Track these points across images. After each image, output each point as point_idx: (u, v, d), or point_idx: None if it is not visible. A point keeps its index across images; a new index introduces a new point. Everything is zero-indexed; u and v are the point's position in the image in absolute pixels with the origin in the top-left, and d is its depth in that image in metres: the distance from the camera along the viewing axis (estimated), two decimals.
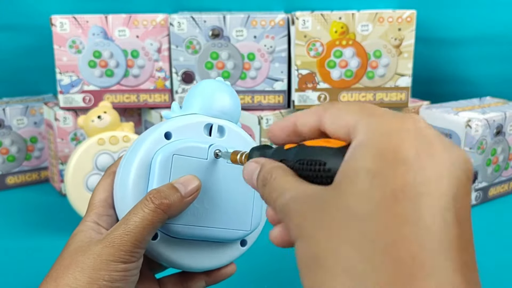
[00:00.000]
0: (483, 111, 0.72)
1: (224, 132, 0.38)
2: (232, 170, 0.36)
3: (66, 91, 0.74)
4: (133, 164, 0.35)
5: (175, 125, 0.36)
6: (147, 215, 0.32)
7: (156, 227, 0.32)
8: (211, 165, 0.36)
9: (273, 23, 0.72)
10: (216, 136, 0.37)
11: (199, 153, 0.35)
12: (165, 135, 0.36)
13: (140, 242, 0.32)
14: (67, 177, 0.61)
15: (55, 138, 0.75)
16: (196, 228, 0.35)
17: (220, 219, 0.36)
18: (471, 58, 0.90)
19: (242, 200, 0.37)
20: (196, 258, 0.37)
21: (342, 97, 0.74)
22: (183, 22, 0.72)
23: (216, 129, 0.37)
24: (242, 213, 0.37)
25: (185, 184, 0.33)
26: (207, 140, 0.36)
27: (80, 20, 0.72)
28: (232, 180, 0.36)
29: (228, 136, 0.38)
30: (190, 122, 0.37)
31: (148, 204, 0.32)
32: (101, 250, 0.31)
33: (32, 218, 0.70)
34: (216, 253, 0.38)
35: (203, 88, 0.38)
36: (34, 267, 0.57)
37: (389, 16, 0.71)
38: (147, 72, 0.75)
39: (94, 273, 0.30)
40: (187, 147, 0.35)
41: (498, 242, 0.62)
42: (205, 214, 0.35)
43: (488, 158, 0.72)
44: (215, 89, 0.38)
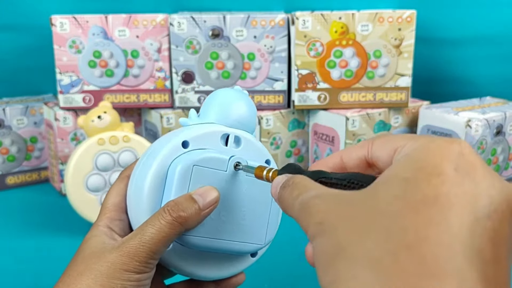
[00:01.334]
0: (483, 111, 0.72)
1: (240, 142, 0.38)
2: (250, 184, 0.36)
3: (66, 91, 0.74)
4: (150, 172, 0.34)
5: (193, 134, 0.36)
6: (164, 227, 0.31)
7: (172, 239, 0.32)
8: (230, 177, 0.35)
9: (273, 23, 0.72)
10: (232, 146, 0.37)
11: (219, 165, 0.35)
12: (183, 144, 0.35)
13: (155, 253, 0.31)
14: (67, 177, 0.61)
15: (55, 138, 0.75)
16: (211, 240, 0.35)
17: (235, 233, 0.36)
18: (471, 58, 0.90)
19: (258, 214, 0.37)
20: (207, 267, 0.37)
21: (342, 97, 0.74)
22: (183, 22, 0.72)
23: (233, 139, 0.37)
24: (258, 227, 0.37)
25: (204, 196, 0.33)
26: (224, 150, 0.36)
27: (80, 20, 0.72)
28: (250, 193, 0.36)
29: (244, 147, 0.38)
30: (207, 131, 0.36)
31: (166, 216, 0.32)
32: (115, 258, 0.31)
33: (32, 218, 0.70)
34: (227, 263, 0.38)
35: (221, 97, 0.38)
36: (34, 267, 0.57)
37: (389, 16, 0.71)
38: (147, 72, 0.75)
39: (108, 282, 0.30)
40: (208, 158, 0.34)
41: None
42: (220, 227, 0.35)
43: (488, 158, 0.72)
44: (233, 99, 0.38)
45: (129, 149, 0.63)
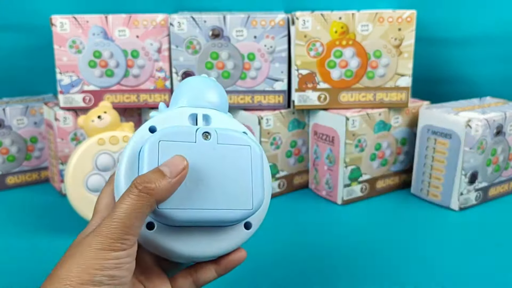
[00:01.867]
0: (483, 111, 0.72)
1: (210, 120, 0.38)
2: (225, 151, 0.36)
3: (66, 91, 0.74)
4: (123, 161, 0.35)
5: (160, 119, 0.37)
6: (133, 200, 0.32)
7: (145, 213, 0.32)
8: (201, 147, 0.35)
9: (273, 23, 0.72)
10: (202, 124, 0.38)
11: (187, 137, 0.35)
12: (150, 129, 0.36)
13: (129, 228, 0.32)
14: (67, 177, 0.61)
15: (55, 138, 0.75)
16: (194, 211, 0.34)
17: (218, 200, 0.35)
18: (471, 58, 0.90)
19: (240, 179, 0.36)
20: (199, 246, 0.36)
21: (342, 97, 0.74)
22: (183, 22, 0.72)
23: (201, 117, 0.38)
24: (241, 192, 0.36)
25: (170, 165, 0.33)
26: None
27: (80, 20, 0.72)
28: (226, 160, 0.36)
29: (215, 124, 0.38)
30: (173, 113, 0.37)
31: (133, 190, 0.32)
32: (91, 240, 0.31)
33: (32, 218, 0.70)
34: (220, 239, 0.36)
35: (188, 83, 0.39)
36: (34, 267, 0.57)
37: (389, 16, 0.71)
38: (147, 72, 0.75)
39: (84, 263, 0.31)
40: (172, 132, 0.35)
41: (498, 242, 0.63)
42: (202, 197, 0.35)
43: (488, 158, 0.72)
44: (200, 83, 0.39)
45: None
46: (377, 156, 0.76)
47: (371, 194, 0.77)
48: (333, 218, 0.70)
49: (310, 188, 0.80)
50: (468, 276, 0.55)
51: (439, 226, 0.68)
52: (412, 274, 0.55)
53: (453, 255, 0.59)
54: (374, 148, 0.75)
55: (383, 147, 0.76)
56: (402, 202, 0.76)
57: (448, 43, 0.90)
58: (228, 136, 0.36)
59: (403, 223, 0.68)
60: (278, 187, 0.78)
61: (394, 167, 0.78)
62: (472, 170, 0.71)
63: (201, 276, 0.38)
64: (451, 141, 0.70)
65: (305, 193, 0.79)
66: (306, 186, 0.81)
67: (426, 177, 0.75)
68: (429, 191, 0.75)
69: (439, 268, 0.56)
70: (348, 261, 0.58)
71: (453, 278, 0.54)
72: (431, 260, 0.58)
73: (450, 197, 0.72)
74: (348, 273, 0.56)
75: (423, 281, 0.54)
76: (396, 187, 0.80)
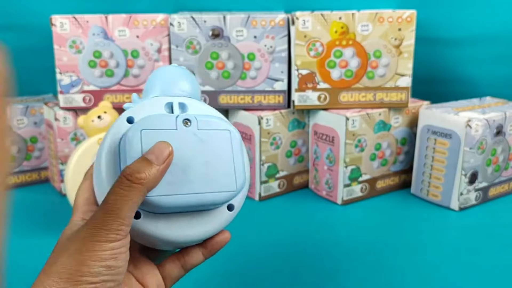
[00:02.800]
0: (483, 111, 0.72)
1: (186, 108, 0.38)
2: (206, 136, 0.37)
3: (66, 91, 0.74)
4: (103, 153, 0.35)
5: (136, 109, 0.37)
6: (125, 191, 0.32)
7: (138, 202, 0.33)
8: (182, 134, 0.36)
9: (273, 23, 0.72)
10: (179, 112, 0.38)
11: (168, 125, 0.36)
12: (128, 120, 0.36)
13: (123, 219, 0.32)
14: (67, 177, 0.61)
15: (55, 138, 0.75)
16: (180, 197, 0.35)
17: (202, 184, 0.36)
18: (471, 58, 0.90)
19: (222, 162, 0.37)
20: (185, 231, 0.36)
21: (342, 97, 0.74)
22: (183, 22, 0.72)
23: (177, 105, 0.38)
24: (225, 174, 0.37)
25: (156, 152, 0.33)
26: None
27: (80, 20, 0.72)
28: (208, 144, 0.37)
29: (191, 111, 0.38)
30: (150, 103, 0.37)
31: (123, 181, 0.32)
32: (85, 233, 0.32)
33: (32, 218, 0.70)
34: (204, 222, 0.37)
35: (159, 73, 0.39)
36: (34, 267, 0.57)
37: (389, 16, 0.71)
38: (147, 72, 0.75)
39: (81, 256, 0.31)
40: (153, 120, 0.35)
41: (498, 242, 0.63)
42: (186, 181, 0.35)
43: (488, 158, 0.72)
44: (172, 72, 0.39)
45: None
46: (377, 156, 0.76)
47: (371, 194, 0.77)
48: (333, 218, 0.70)
49: (310, 188, 0.80)
50: (468, 276, 0.55)
51: (439, 226, 0.68)
52: (412, 274, 0.55)
53: (453, 255, 0.59)
54: (374, 148, 0.75)
55: (383, 147, 0.76)
56: (402, 202, 0.76)
57: (448, 43, 0.90)
58: (207, 122, 0.37)
59: (403, 223, 0.68)
60: (278, 187, 0.78)
61: (394, 167, 0.78)
62: (472, 170, 0.71)
63: (189, 260, 0.39)
64: (451, 141, 0.70)
65: (305, 193, 0.79)
66: (306, 186, 0.81)
67: (426, 177, 0.75)
68: (429, 191, 0.75)
69: (439, 268, 0.56)
70: (348, 261, 0.58)
71: (453, 278, 0.54)
72: (431, 260, 0.58)
73: (450, 197, 0.72)
74: (348, 273, 0.56)
75: (423, 281, 0.54)
76: (396, 187, 0.80)
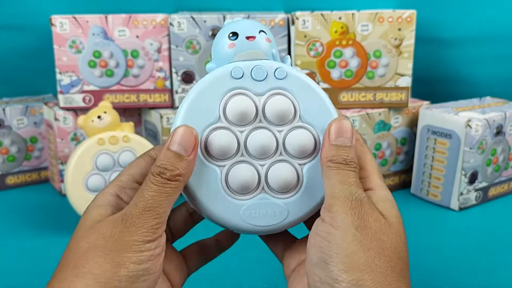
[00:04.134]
0: (483, 111, 0.72)
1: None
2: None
3: (66, 91, 0.74)
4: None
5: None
6: (163, 188, 0.30)
7: (175, 199, 0.31)
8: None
9: (273, 23, 0.72)
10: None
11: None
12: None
13: (162, 216, 0.30)
14: (67, 177, 0.61)
15: (55, 138, 0.75)
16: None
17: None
18: (471, 58, 0.90)
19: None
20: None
21: (342, 97, 0.74)
22: (183, 22, 0.72)
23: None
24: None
25: (183, 143, 0.31)
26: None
27: (80, 20, 0.72)
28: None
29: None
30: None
31: (159, 179, 0.30)
32: (121, 231, 0.29)
33: (32, 218, 0.70)
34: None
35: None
36: (34, 267, 0.57)
37: (389, 16, 0.71)
38: (147, 72, 0.75)
39: (119, 257, 0.28)
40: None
41: (498, 242, 0.63)
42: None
43: (488, 158, 0.72)
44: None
45: (129, 149, 0.63)
46: (377, 156, 0.76)
47: None
48: None
49: None
50: (468, 276, 0.55)
51: (439, 226, 0.68)
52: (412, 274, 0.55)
53: (453, 255, 0.59)
54: (374, 148, 0.75)
55: (383, 147, 0.76)
56: (402, 202, 0.75)
57: (448, 43, 0.90)
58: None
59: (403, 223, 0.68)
60: None
61: (394, 167, 0.78)
62: (472, 170, 0.71)
63: (209, 250, 0.38)
64: (451, 141, 0.70)
65: None
66: None
67: (426, 177, 0.75)
68: (429, 191, 0.75)
69: (439, 268, 0.56)
70: None
71: (453, 278, 0.54)
72: (431, 260, 0.58)
73: (450, 197, 0.72)
74: None
75: (423, 281, 0.54)
76: (396, 187, 0.80)
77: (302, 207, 0.34)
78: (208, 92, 0.33)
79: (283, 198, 0.34)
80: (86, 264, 0.28)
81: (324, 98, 0.34)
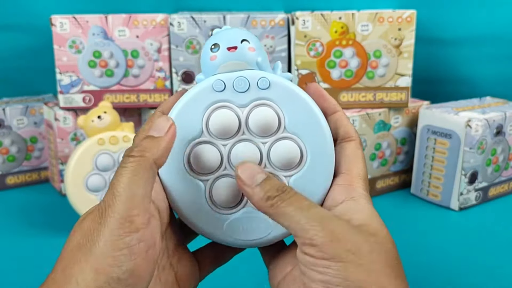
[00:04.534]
0: (483, 111, 0.72)
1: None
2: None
3: (66, 91, 0.74)
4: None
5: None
6: (129, 168, 0.27)
7: (147, 179, 0.28)
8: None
9: (273, 23, 0.72)
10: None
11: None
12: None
13: (133, 201, 0.27)
14: (67, 177, 0.61)
15: (55, 138, 0.75)
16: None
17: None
18: (471, 58, 0.90)
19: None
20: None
21: (342, 97, 0.74)
22: (183, 22, 0.72)
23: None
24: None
25: (155, 127, 0.30)
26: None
27: (80, 20, 0.72)
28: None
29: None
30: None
31: (126, 159, 0.28)
32: (98, 225, 0.27)
33: (32, 218, 0.70)
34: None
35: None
36: (34, 267, 0.57)
37: (389, 16, 0.71)
38: (147, 72, 0.75)
39: (96, 261, 0.26)
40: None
41: (498, 242, 0.63)
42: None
43: (488, 158, 0.72)
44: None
45: None
46: (377, 156, 0.76)
47: (371, 194, 0.76)
48: None
49: None
50: (468, 276, 0.55)
51: (439, 226, 0.68)
52: (412, 274, 0.55)
53: (453, 255, 0.59)
54: (374, 148, 0.75)
55: (383, 147, 0.76)
56: (402, 202, 0.76)
57: (448, 43, 0.90)
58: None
59: (403, 223, 0.68)
60: None
61: (394, 167, 0.78)
62: (472, 170, 0.71)
63: (222, 254, 0.36)
64: (451, 141, 0.70)
65: None
66: None
67: (426, 177, 0.75)
68: (429, 191, 0.75)
69: (439, 268, 0.56)
70: None
71: (453, 278, 0.54)
72: (431, 260, 0.58)
73: (450, 197, 0.72)
74: None
75: (422, 281, 0.54)
76: (396, 187, 0.80)
77: None
78: (191, 106, 0.33)
79: None
80: (71, 269, 0.26)
81: (311, 105, 0.33)
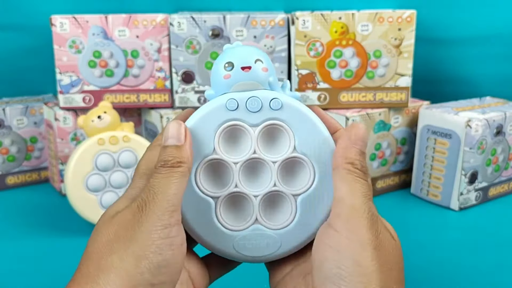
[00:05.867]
0: (483, 111, 0.72)
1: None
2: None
3: (66, 91, 0.74)
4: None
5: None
6: (168, 176, 0.30)
7: (182, 185, 0.30)
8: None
9: (273, 23, 0.72)
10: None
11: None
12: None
13: (173, 199, 0.29)
14: (67, 177, 0.61)
15: (55, 138, 0.75)
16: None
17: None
18: (471, 58, 0.90)
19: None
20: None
21: (342, 97, 0.74)
22: (183, 22, 0.72)
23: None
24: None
25: (174, 136, 0.31)
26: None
27: (80, 20, 0.72)
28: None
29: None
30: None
31: (162, 169, 0.30)
32: (139, 219, 0.29)
33: (32, 218, 0.70)
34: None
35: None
36: (34, 267, 0.57)
37: (389, 16, 0.71)
38: (147, 72, 0.75)
39: (139, 248, 0.28)
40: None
41: (498, 242, 0.63)
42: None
43: (488, 158, 0.72)
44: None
45: (129, 149, 0.63)
46: (377, 156, 0.76)
47: None
48: None
49: None
50: (468, 276, 0.55)
51: (439, 226, 0.68)
52: (411, 274, 0.55)
53: (453, 255, 0.59)
54: (374, 148, 0.75)
55: (383, 147, 0.76)
56: (402, 202, 0.76)
57: (448, 43, 0.90)
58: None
59: (403, 223, 0.68)
60: None
61: (394, 167, 0.78)
62: (472, 170, 0.71)
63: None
64: (451, 141, 0.70)
65: None
66: None
67: (426, 177, 0.75)
68: (429, 191, 0.75)
69: (439, 268, 0.56)
70: None
71: (453, 278, 0.54)
72: (431, 260, 0.58)
73: (450, 197, 0.72)
74: None
75: (422, 281, 0.54)
76: (396, 187, 0.80)
77: (295, 239, 0.34)
78: (204, 124, 0.33)
79: (276, 229, 0.34)
80: (108, 258, 0.28)
81: (320, 127, 0.34)
